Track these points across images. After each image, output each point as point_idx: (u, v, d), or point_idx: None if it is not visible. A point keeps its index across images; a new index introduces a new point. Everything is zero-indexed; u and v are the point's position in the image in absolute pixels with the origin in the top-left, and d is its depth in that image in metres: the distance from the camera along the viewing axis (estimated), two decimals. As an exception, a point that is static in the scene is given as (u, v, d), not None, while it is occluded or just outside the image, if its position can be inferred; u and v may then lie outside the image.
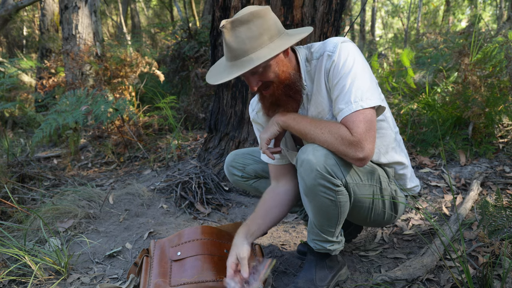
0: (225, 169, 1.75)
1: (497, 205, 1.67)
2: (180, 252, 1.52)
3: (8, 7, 6.27)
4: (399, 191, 1.56)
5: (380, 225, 1.62)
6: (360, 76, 1.31)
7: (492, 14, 15.90)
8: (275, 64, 1.30)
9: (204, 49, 4.79)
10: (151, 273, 1.46)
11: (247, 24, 1.23)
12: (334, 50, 1.33)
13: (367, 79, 1.32)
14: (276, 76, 1.32)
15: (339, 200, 1.33)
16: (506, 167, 2.46)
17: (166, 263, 1.50)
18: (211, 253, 1.53)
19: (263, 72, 1.30)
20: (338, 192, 1.32)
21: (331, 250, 1.48)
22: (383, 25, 20.19)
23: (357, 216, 1.51)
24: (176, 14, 13.09)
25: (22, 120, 5.68)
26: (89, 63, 4.40)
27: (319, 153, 1.28)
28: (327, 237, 1.45)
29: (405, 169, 1.56)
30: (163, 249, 1.57)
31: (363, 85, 1.30)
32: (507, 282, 1.38)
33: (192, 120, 4.45)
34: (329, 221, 1.39)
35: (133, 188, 2.59)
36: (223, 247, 1.58)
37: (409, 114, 3.12)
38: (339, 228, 1.46)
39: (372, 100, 1.29)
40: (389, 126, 1.49)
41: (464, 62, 2.88)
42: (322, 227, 1.42)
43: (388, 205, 1.52)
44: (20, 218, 2.31)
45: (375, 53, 5.27)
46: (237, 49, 1.24)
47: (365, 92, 1.29)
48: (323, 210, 1.35)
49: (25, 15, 11.83)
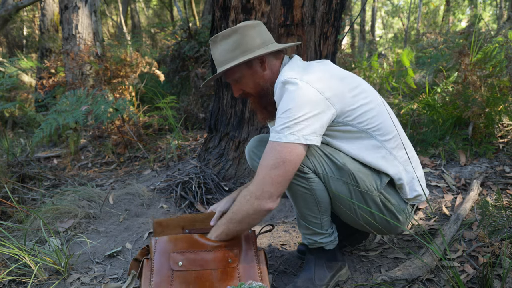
0: (247, 154, 1.71)
1: (497, 205, 1.67)
2: (182, 263, 1.47)
3: (8, 7, 6.27)
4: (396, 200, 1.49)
5: (380, 232, 1.56)
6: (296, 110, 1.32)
7: (492, 14, 15.91)
8: (249, 76, 1.49)
9: (204, 49, 4.79)
10: (151, 282, 1.43)
11: (227, 39, 1.46)
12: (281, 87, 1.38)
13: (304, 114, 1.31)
14: (251, 88, 1.51)
15: (312, 187, 1.39)
16: (506, 167, 2.46)
17: (168, 271, 1.45)
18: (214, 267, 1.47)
19: (240, 81, 1.51)
20: (310, 180, 1.38)
21: (323, 243, 1.48)
22: (383, 25, 20.20)
23: (346, 216, 1.49)
24: (176, 14, 13.09)
25: (22, 120, 5.68)
26: (89, 63, 4.40)
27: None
28: (314, 229, 1.47)
29: (400, 180, 1.47)
30: (164, 253, 1.50)
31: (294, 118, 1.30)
32: (507, 282, 1.38)
33: (192, 120, 4.45)
34: (309, 210, 1.43)
35: (133, 188, 2.59)
36: (227, 256, 1.50)
37: (409, 114, 3.12)
38: (325, 219, 1.47)
39: (297, 135, 1.29)
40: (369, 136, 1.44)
41: (464, 62, 2.88)
42: (306, 218, 1.46)
43: (376, 209, 1.45)
44: (20, 218, 2.31)
45: (375, 53, 5.27)
46: (216, 59, 1.49)
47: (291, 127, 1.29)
48: (300, 198, 1.41)
49: (25, 15, 11.83)
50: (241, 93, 1.54)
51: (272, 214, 2.32)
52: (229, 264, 1.47)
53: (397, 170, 1.46)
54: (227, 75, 1.52)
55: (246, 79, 1.50)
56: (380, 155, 1.45)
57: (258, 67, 1.49)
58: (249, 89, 1.51)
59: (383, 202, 1.46)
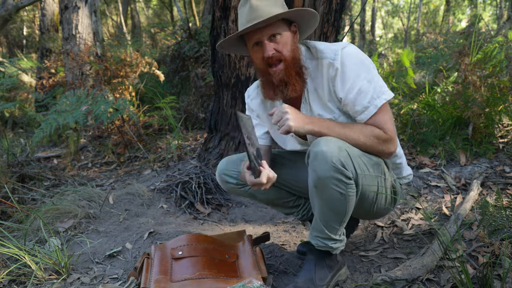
0: (218, 177, 1.69)
1: (497, 205, 1.67)
2: (182, 252, 1.53)
3: (8, 7, 6.27)
4: (397, 181, 1.59)
5: (379, 216, 1.63)
6: (371, 75, 1.40)
7: (492, 14, 15.91)
8: (291, 38, 1.42)
9: (204, 49, 4.79)
10: (151, 271, 1.47)
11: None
12: (335, 58, 1.40)
13: (376, 75, 1.41)
14: (288, 51, 1.40)
15: (348, 193, 1.34)
16: (506, 167, 2.46)
17: (167, 262, 1.51)
18: (212, 256, 1.53)
19: (279, 40, 1.39)
20: (349, 185, 1.33)
21: (332, 248, 1.48)
22: (383, 25, 20.19)
23: (362, 207, 1.50)
24: (176, 14, 13.09)
25: (22, 120, 5.68)
26: (89, 63, 4.40)
27: (332, 145, 1.30)
28: (330, 234, 1.45)
29: (401, 158, 1.60)
30: (163, 251, 1.57)
31: (376, 82, 1.40)
32: (507, 282, 1.38)
33: (192, 120, 4.45)
34: (336, 216, 1.40)
35: (133, 188, 2.59)
36: (224, 253, 1.58)
37: (409, 114, 3.12)
38: (343, 227, 1.46)
39: (386, 94, 1.40)
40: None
41: (464, 62, 2.88)
42: (328, 223, 1.42)
43: (390, 196, 1.54)
44: (20, 218, 2.31)
45: (375, 53, 5.27)
46: (261, 10, 1.35)
47: (379, 89, 1.39)
48: (332, 203, 1.36)
49: (25, 15, 11.84)
50: (274, 53, 1.39)
51: (272, 214, 2.32)
52: (227, 258, 1.56)
53: (399, 148, 1.58)
54: (271, 26, 1.38)
55: (287, 38, 1.40)
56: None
57: (294, 35, 1.44)
58: (285, 51, 1.39)
59: (393, 186, 1.55)
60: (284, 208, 1.77)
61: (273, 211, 2.34)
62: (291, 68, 1.40)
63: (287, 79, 1.41)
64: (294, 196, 1.74)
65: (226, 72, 2.60)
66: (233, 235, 1.77)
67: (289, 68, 1.40)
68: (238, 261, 1.57)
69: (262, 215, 2.33)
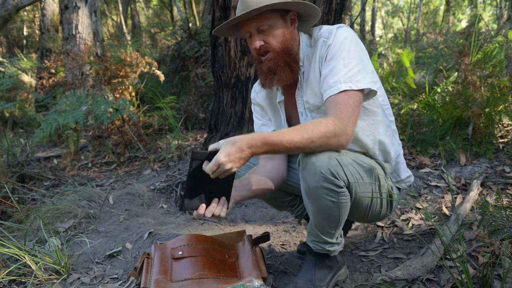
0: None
1: (497, 205, 1.67)
2: (182, 252, 1.53)
3: (8, 7, 6.27)
4: (394, 186, 1.57)
5: (375, 221, 1.62)
6: (353, 58, 1.34)
7: (492, 14, 15.91)
8: (280, 27, 1.38)
9: (204, 49, 4.79)
10: (151, 271, 1.47)
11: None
12: (329, 36, 1.39)
13: (359, 61, 1.35)
14: (278, 42, 1.38)
15: (340, 201, 1.33)
16: (506, 167, 2.46)
17: (167, 262, 1.51)
18: (212, 256, 1.54)
19: (268, 31, 1.37)
20: (340, 194, 1.32)
21: (330, 251, 1.48)
22: (383, 25, 20.19)
23: (355, 213, 1.50)
24: (176, 14, 13.08)
25: (22, 120, 5.68)
26: (89, 63, 4.40)
27: (321, 154, 1.28)
28: (326, 239, 1.45)
29: (400, 157, 1.58)
30: (163, 251, 1.58)
31: (352, 69, 1.33)
32: (507, 282, 1.38)
33: (192, 120, 4.45)
34: (329, 223, 1.39)
35: (133, 188, 2.59)
36: (224, 253, 1.59)
37: (409, 114, 3.12)
38: (339, 230, 1.46)
39: (358, 84, 1.31)
40: (383, 113, 1.51)
41: (464, 62, 2.88)
42: (323, 229, 1.42)
43: (385, 202, 1.52)
44: (20, 218, 2.31)
45: (375, 53, 5.27)
46: (250, 1, 1.33)
47: (351, 76, 1.32)
48: (325, 212, 1.35)
49: (25, 15, 11.84)
50: (262, 45, 1.39)
51: (272, 214, 2.32)
52: (227, 258, 1.56)
53: (396, 150, 1.55)
54: (258, 19, 1.37)
55: (277, 30, 1.38)
56: (388, 134, 1.52)
57: (289, 23, 1.42)
58: (275, 42, 1.38)
59: (390, 191, 1.52)
60: (280, 207, 1.78)
61: (273, 211, 2.34)
62: (279, 59, 1.40)
63: (275, 68, 1.41)
64: (291, 196, 1.74)
65: (226, 72, 2.60)
66: (233, 235, 1.77)
67: (278, 58, 1.40)
68: (238, 261, 1.58)
69: (262, 215, 2.33)
